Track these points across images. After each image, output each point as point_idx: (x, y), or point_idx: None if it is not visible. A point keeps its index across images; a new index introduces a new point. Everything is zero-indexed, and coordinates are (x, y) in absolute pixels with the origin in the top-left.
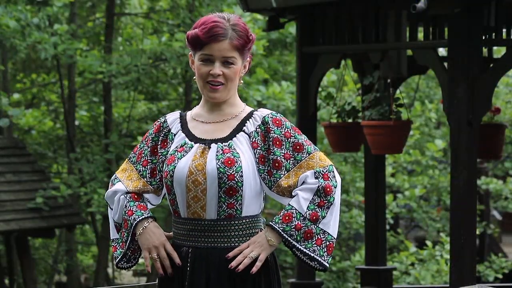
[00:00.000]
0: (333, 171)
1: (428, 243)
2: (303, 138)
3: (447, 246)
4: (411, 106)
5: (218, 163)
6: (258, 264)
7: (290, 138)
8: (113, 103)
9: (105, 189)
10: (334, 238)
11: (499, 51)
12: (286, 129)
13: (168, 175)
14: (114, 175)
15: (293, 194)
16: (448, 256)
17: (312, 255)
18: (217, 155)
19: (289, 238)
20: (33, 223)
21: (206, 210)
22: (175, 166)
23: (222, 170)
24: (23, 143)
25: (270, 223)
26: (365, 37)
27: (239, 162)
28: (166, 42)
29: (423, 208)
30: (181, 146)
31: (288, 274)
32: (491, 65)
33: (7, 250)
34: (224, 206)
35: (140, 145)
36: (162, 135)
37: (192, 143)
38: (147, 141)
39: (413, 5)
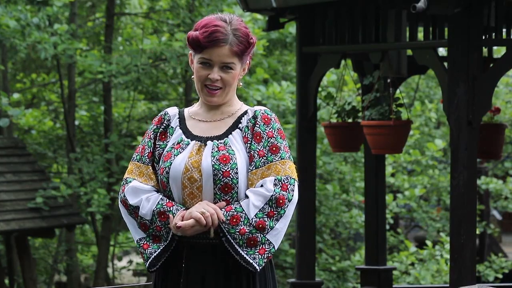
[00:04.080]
0: (293, 185)
1: (428, 243)
2: (283, 143)
3: (447, 246)
4: (411, 106)
5: (213, 160)
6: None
7: (271, 138)
8: (113, 103)
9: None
10: (275, 250)
11: (499, 51)
12: (271, 129)
13: (164, 172)
14: (124, 178)
15: (246, 193)
16: (448, 256)
17: (252, 262)
18: (212, 152)
19: (232, 241)
20: (33, 223)
21: None
22: (171, 163)
23: (217, 167)
24: (23, 143)
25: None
26: (365, 37)
27: (234, 159)
28: (166, 42)
29: (423, 208)
30: (178, 143)
31: (288, 274)
32: (491, 65)
33: (7, 250)
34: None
35: (142, 142)
36: (163, 127)
37: (189, 140)
38: (148, 135)
39: (413, 5)
